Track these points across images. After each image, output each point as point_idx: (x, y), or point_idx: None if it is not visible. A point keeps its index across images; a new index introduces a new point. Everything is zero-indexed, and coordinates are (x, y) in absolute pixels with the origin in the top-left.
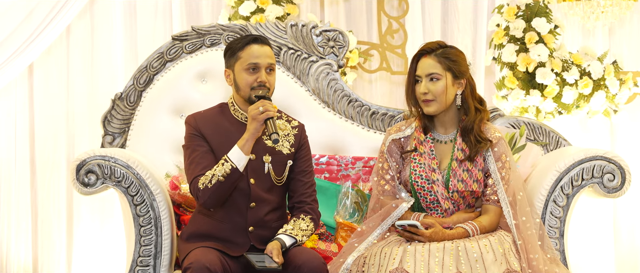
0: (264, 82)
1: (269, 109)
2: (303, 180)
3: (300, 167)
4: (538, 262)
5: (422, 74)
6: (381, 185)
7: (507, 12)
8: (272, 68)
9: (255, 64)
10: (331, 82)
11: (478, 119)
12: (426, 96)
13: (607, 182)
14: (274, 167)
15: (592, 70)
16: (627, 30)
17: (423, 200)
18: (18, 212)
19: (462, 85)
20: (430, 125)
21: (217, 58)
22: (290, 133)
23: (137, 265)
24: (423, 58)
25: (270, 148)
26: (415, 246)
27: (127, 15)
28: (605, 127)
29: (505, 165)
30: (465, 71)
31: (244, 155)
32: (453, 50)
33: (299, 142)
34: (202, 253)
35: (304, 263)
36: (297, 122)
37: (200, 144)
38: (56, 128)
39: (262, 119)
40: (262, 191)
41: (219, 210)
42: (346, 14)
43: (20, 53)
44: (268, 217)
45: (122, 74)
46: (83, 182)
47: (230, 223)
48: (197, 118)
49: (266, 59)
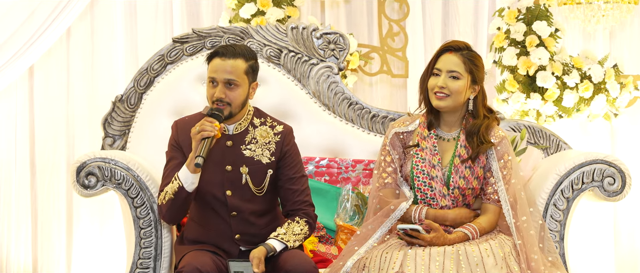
0: (220, 98)
1: (206, 128)
2: (292, 188)
3: (286, 175)
4: (537, 264)
5: (443, 68)
6: (383, 178)
7: (508, 15)
8: (232, 83)
9: (212, 78)
10: (332, 85)
11: (485, 124)
12: (443, 90)
13: (608, 186)
14: (253, 177)
15: (593, 74)
16: (627, 34)
17: (423, 196)
18: (18, 214)
19: (475, 91)
20: (435, 122)
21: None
22: (272, 141)
23: (137, 268)
24: (448, 54)
25: (248, 158)
26: (415, 250)
27: (128, 17)
28: (605, 131)
29: (507, 165)
30: (482, 79)
31: (190, 173)
32: (478, 56)
33: (280, 149)
34: (194, 256)
35: (294, 268)
36: (282, 126)
37: (173, 157)
38: (56, 130)
39: (198, 139)
40: (242, 201)
41: (203, 217)
42: (347, 16)
43: (20, 55)
44: (257, 222)
45: (123, 76)
46: (83, 184)
47: (217, 230)
48: (178, 125)
49: (223, 74)
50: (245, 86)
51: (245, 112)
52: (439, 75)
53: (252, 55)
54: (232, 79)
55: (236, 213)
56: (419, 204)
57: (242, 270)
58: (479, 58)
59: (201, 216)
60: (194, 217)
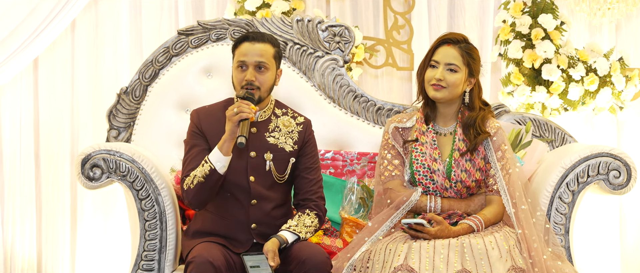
0: (250, 81)
1: (244, 110)
2: (308, 177)
3: (304, 164)
4: (538, 253)
5: (441, 60)
6: (389, 170)
7: (514, 8)
8: (262, 66)
9: (242, 61)
10: (337, 78)
11: (481, 115)
12: (440, 83)
13: (613, 179)
14: (276, 164)
15: (598, 67)
16: (633, 27)
17: (425, 190)
18: (22, 206)
19: (471, 84)
20: (432, 116)
21: (223, 53)
22: (294, 130)
23: (142, 260)
24: (445, 46)
25: (273, 145)
26: (420, 243)
27: (133, 9)
28: (611, 124)
29: (505, 155)
30: (478, 72)
31: (222, 156)
32: (475, 49)
33: (303, 139)
34: (205, 247)
35: (308, 258)
36: (303, 118)
37: (196, 143)
38: (61, 122)
39: (236, 120)
40: (263, 188)
41: (221, 206)
42: (352, 9)
43: (25, 47)
44: (272, 213)
45: (127, 69)
46: (88, 176)
47: (233, 219)
48: (200, 113)
49: (254, 57)
50: (273, 70)
51: (269, 100)
52: (436, 67)
53: (277, 42)
54: (263, 61)
55: (256, 201)
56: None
57: (258, 263)
58: (476, 51)
59: (218, 205)
60: (208, 206)
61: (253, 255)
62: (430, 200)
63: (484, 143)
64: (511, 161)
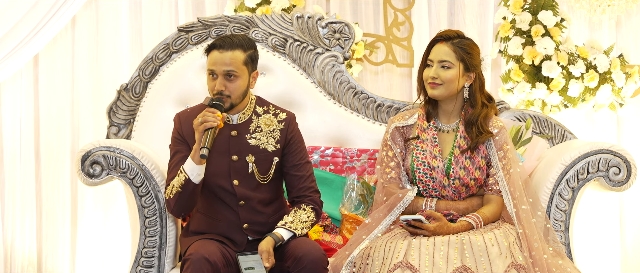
0: (220, 91)
1: (208, 119)
2: (297, 174)
3: (291, 162)
4: (538, 252)
5: (434, 59)
6: (386, 173)
7: (514, 5)
8: (231, 74)
9: (211, 70)
10: (337, 74)
11: (483, 113)
12: (435, 80)
13: (613, 176)
14: (259, 165)
15: (598, 64)
16: (633, 24)
17: (424, 187)
18: (23, 202)
19: (471, 78)
20: (434, 113)
21: None
22: (276, 128)
23: (142, 257)
24: (439, 44)
25: (254, 147)
26: (420, 240)
27: (133, 6)
28: (611, 121)
29: (507, 155)
30: (477, 65)
31: (195, 165)
32: (469, 42)
33: (285, 137)
34: (201, 244)
35: (305, 254)
36: (285, 114)
37: (178, 149)
38: (61, 119)
39: (201, 130)
40: (249, 190)
41: (212, 209)
42: (352, 6)
43: (25, 44)
44: (263, 211)
45: (127, 65)
46: (88, 173)
47: (225, 221)
48: (181, 117)
49: (222, 67)
50: (245, 76)
51: (247, 101)
52: (431, 66)
53: (251, 44)
54: (231, 70)
55: (244, 203)
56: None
57: (252, 265)
58: (471, 45)
59: (208, 207)
60: (201, 208)
61: (248, 256)
62: (425, 202)
63: (486, 142)
64: (512, 161)
